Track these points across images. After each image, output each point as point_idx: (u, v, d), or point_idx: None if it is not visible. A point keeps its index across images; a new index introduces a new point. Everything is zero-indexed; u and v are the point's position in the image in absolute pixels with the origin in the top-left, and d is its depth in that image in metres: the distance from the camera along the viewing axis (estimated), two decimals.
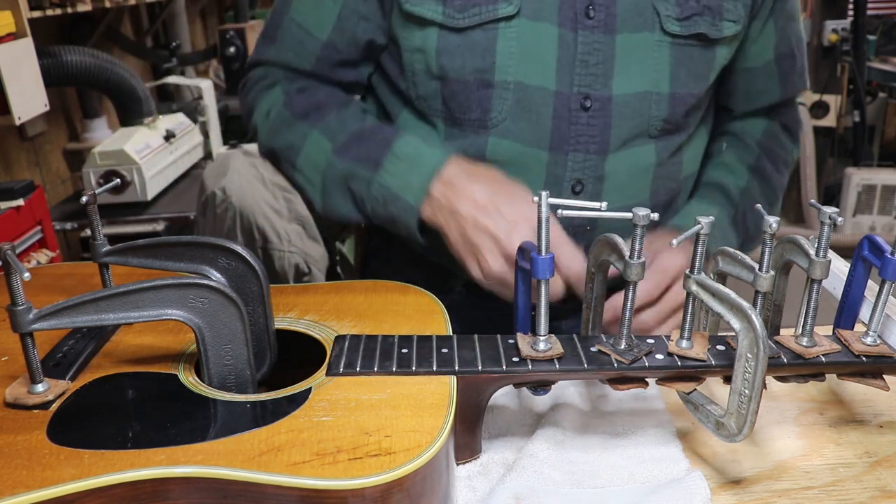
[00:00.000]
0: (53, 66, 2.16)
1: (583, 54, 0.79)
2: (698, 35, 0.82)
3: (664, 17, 0.80)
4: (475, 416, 0.61)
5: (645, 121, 0.83)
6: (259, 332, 0.63)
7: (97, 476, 0.46)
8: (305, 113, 0.85)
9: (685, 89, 0.84)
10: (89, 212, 0.65)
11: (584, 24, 0.79)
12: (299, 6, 0.87)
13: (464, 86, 0.81)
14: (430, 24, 0.80)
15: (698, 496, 0.56)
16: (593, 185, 0.84)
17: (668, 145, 0.86)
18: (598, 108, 0.81)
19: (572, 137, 0.81)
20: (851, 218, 3.92)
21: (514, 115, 0.81)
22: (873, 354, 0.61)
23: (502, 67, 0.79)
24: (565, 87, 0.80)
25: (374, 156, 0.79)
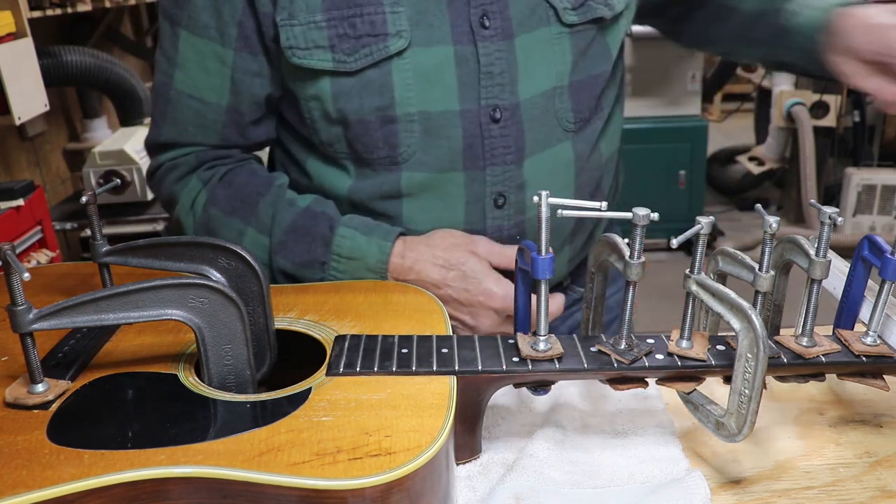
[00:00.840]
0: (53, 66, 2.16)
1: (486, 66, 0.78)
2: (595, 19, 0.81)
3: (561, 10, 0.79)
4: (475, 416, 0.61)
5: (553, 117, 0.82)
6: (259, 332, 0.63)
7: (97, 476, 0.46)
8: (233, 209, 0.82)
9: (585, 73, 0.83)
10: (89, 212, 0.65)
11: (481, 35, 0.77)
12: (184, 78, 0.81)
13: (366, 126, 0.79)
14: (322, 74, 0.77)
15: (698, 496, 0.56)
16: (515, 194, 0.82)
17: (584, 137, 0.85)
18: (509, 117, 0.80)
19: (487, 152, 0.80)
20: (851, 218, 3.92)
21: (423, 146, 0.79)
22: (873, 354, 0.61)
23: (402, 101, 0.77)
24: (472, 103, 0.78)
25: (318, 257, 0.79)
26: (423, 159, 0.80)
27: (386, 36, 0.75)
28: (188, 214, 0.85)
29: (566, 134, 0.83)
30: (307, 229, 0.80)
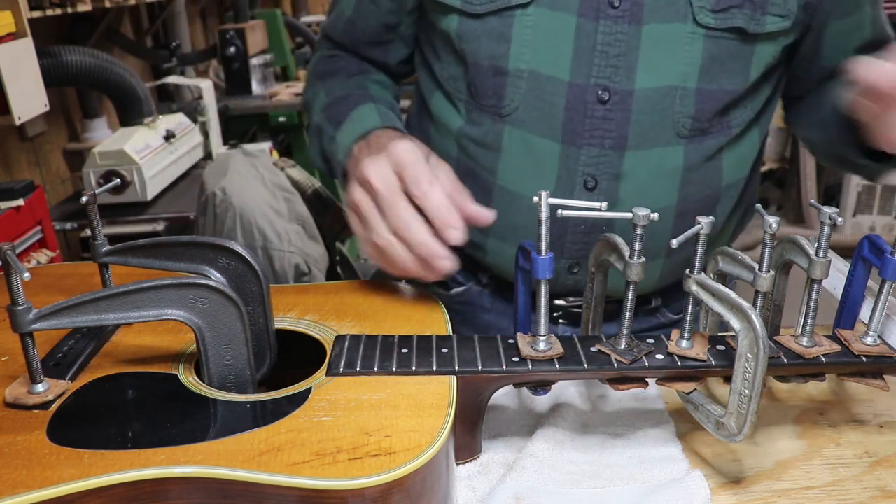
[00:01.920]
0: (53, 66, 2.15)
1: (603, 45, 0.77)
2: (735, 29, 0.77)
3: (697, 8, 0.76)
4: (475, 416, 0.61)
5: (669, 117, 0.79)
6: (259, 332, 0.63)
7: (97, 476, 0.46)
8: (323, 75, 0.93)
9: (716, 85, 0.79)
10: (89, 212, 0.65)
11: (606, 14, 0.76)
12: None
13: (480, 71, 0.81)
14: (451, 10, 0.81)
15: (698, 496, 0.56)
16: (608, 182, 0.80)
17: (700, 148, 0.81)
18: (618, 102, 0.78)
19: (586, 131, 0.79)
20: (851, 218, 3.92)
21: (526, 105, 0.80)
22: (873, 354, 0.61)
23: (516, 55, 0.79)
24: (581, 78, 0.78)
25: (340, 117, 0.84)
26: (524, 118, 0.81)
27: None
28: (307, 78, 1.00)
29: (678, 138, 0.80)
30: (353, 99, 0.86)
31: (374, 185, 0.66)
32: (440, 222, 0.64)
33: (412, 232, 0.64)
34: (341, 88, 0.89)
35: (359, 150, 0.76)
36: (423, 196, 0.65)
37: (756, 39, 0.79)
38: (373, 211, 0.67)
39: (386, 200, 0.66)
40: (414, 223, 0.64)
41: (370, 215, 0.67)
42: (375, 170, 0.67)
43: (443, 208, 0.64)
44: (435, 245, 0.64)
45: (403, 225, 0.65)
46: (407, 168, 0.66)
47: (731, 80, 0.80)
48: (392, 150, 0.67)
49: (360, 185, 0.68)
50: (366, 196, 0.67)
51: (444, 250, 0.64)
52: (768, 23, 0.78)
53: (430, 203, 0.64)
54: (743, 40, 0.78)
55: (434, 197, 0.65)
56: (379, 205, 0.66)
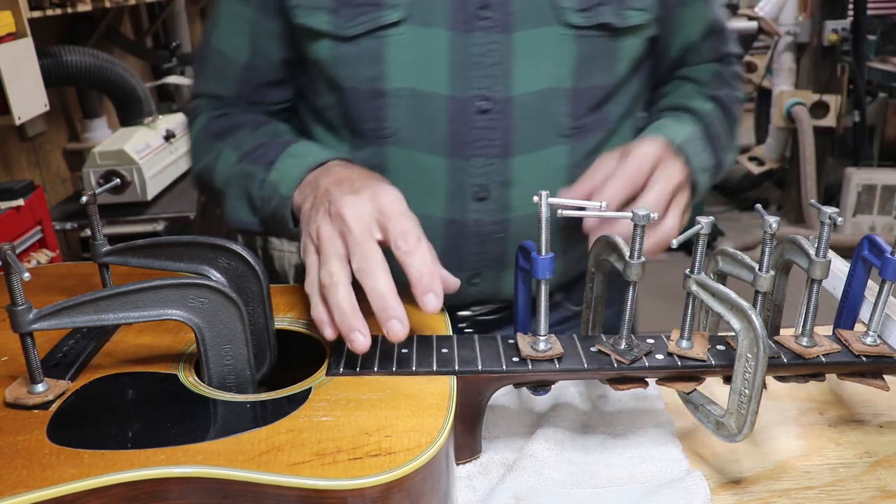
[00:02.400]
0: (53, 66, 2.16)
1: (478, 56, 0.78)
2: (603, 25, 0.80)
3: (564, 10, 0.78)
4: (475, 416, 0.61)
5: (549, 119, 0.81)
6: (259, 332, 0.63)
7: (97, 476, 0.46)
8: (220, 133, 0.85)
9: (589, 82, 0.82)
10: (89, 212, 0.65)
11: (477, 26, 0.77)
12: (218, 34, 0.88)
13: (358, 95, 0.80)
14: (321, 36, 0.79)
15: (698, 496, 0.56)
16: (499, 190, 0.82)
17: (582, 145, 0.84)
18: (499, 110, 0.79)
19: (472, 142, 0.80)
20: (851, 218, 3.92)
21: (409, 124, 0.80)
22: (873, 354, 0.61)
23: (393, 75, 0.79)
24: (460, 91, 0.78)
25: (271, 156, 0.78)
26: (408, 137, 0.81)
27: (381, 7, 0.77)
28: (192, 150, 0.90)
29: (561, 138, 0.83)
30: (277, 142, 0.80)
31: (349, 222, 0.60)
32: (421, 287, 0.57)
33: (376, 278, 0.57)
34: (253, 139, 0.82)
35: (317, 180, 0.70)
36: (409, 252, 0.58)
37: (621, 34, 0.82)
38: (336, 245, 0.60)
39: (357, 241, 0.59)
40: (382, 272, 0.57)
41: (330, 248, 0.60)
42: (355, 209, 0.61)
43: (427, 270, 0.57)
44: (394, 302, 0.56)
45: (368, 268, 0.57)
46: (393, 219, 0.60)
47: (602, 77, 0.83)
48: (379, 196, 0.62)
49: (329, 218, 0.62)
50: (334, 231, 0.61)
51: (400, 312, 0.56)
52: (631, 17, 0.81)
53: (415, 260, 0.58)
54: (610, 36, 0.81)
55: (421, 255, 0.58)
56: (346, 242, 0.60)
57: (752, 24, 4.14)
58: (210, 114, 0.89)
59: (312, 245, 0.63)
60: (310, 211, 0.66)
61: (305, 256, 0.63)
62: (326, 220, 0.62)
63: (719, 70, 0.96)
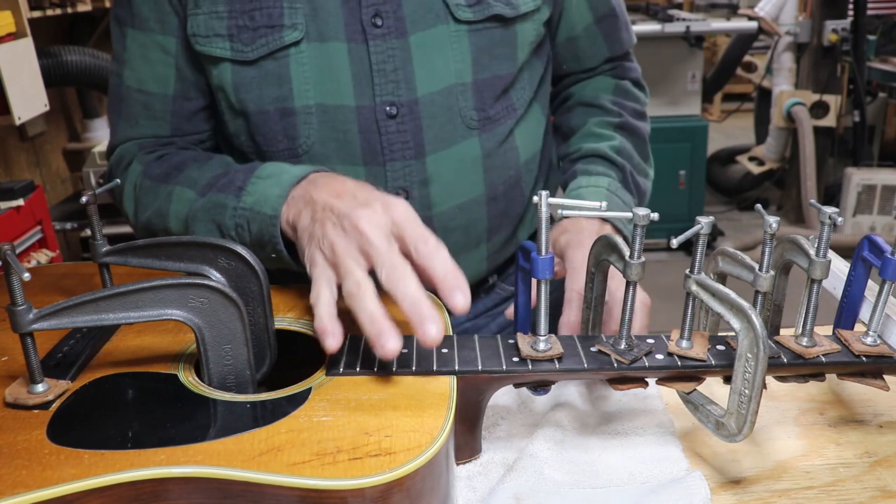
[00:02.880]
0: (53, 66, 2.16)
1: (378, 64, 0.79)
2: (494, 17, 0.81)
3: (454, 7, 0.79)
4: (475, 416, 0.61)
5: (456, 114, 0.83)
6: (259, 332, 0.63)
7: (97, 476, 0.46)
8: (166, 175, 0.81)
9: (489, 73, 0.83)
10: (89, 212, 0.65)
11: (372, 34, 0.78)
12: (132, 73, 0.84)
13: (266, 117, 0.81)
14: (222, 61, 0.79)
15: (698, 496, 0.56)
16: (419, 189, 0.83)
17: (494, 134, 0.86)
18: (406, 113, 0.81)
19: (385, 148, 0.81)
20: (851, 218, 3.92)
21: (322, 139, 0.81)
22: (873, 354, 0.61)
23: (300, 93, 0.79)
24: (367, 100, 0.80)
25: (238, 183, 0.75)
26: (323, 152, 0.81)
27: (282, 27, 0.78)
28: (130, 200, 0.85)
29: (470, 131, 0.84)
30: (237, 169, 0.77)
31: (369, 236, 0.59)
32: (448, 284, 0.57)
33: (407, 284, 0.56)
34: (207, 171, 0.78)
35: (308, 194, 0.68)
36: (431, 254, 0.58)
37: (514, 22, 0.83)
38: (357, 259, 0.59)
39: (382, 253, 0.58)
40: (412, 278, 0.56)
41: (351, 261, 0.58)
42: (371, 222, 0.60)
43: (450, 269, 0.57)
44: (427, 305, 0.55)
45: (398, 275, 0.56)
46: (409, 227, 0.60)
47: (502, 66, 0.84)
48: (390, 207, 0.61)
49: (345, 233, 0.60)
50: (352, 245, 0.60)
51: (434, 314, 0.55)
52: (521, 4, 0.83)
53: (437, 261, 0.58)
54: (504, 26, 0.83)
55: (443, 256, 0.58)
56: (367, 255, 0.59)
57: (752, 24, 4.14)
58: (143, 159, 0.84)
59: (325, 261, 0.61)
60: (312, 226, 0.64)
61: (312, 269, 0.62)
62: (341, 234, 0.61)
63: (617, 84, 0.98)
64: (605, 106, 0.96)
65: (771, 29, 4.13)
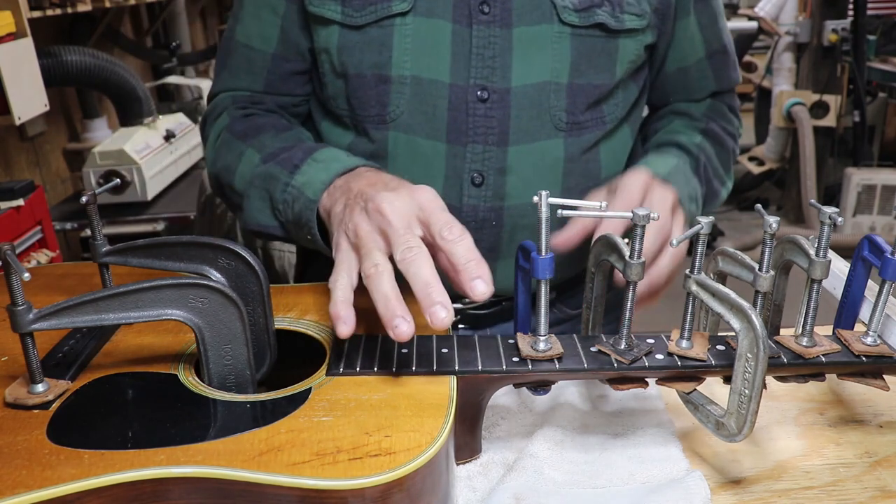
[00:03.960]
0: (53, 66, 2.16)
1: (478, 48, 0.81)
2: (598, 25, 0.83)
3: (561, 8, 0.81)
4: (475, 416, 0.61)
5: (546, 112, 0.84)
6: (259, 332, 0.63)
7: (97, 476, 0.46)
8: (244, 134, 0.85)
9: (586, 80, 0.84)
10: (89, 212, 0.65)
11: (478, 20, 0.81)
12: (242, 29, 0.89)
13: (362, 81, 0.83)
14: (331, 23, 0.83)
15: (698, 496, 0.56)
16: (495, 177, 0.84)
17: (579, 141, 0.86)
18: (497, 100, 0.82)
19: (470, 129, 0.82)
20: (851, 218, 3.92)
21: (411, 109, 0.83)
22: (873, 354, 0.61)
23: (398, 62, 0.82)
24: (461, 80, 0.81)
25: (296, 161, 0.78)
26: (410, 122, 0.83)
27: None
28: (211, 148, 0.90)
29: (557, 132, 0.85)
30: (302, 146, 0.81)
31: (390, 217, 0.60)
32: (469, 272, 0.56)
33: (420, 265, 0.56)
34: (277, 141, 0.83)
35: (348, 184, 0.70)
36: (455, 241, 0.58)
37: (618, 36, 0.84)
38: (377, 240, 0.60)
39: (400, 234, 0.59)
40: (426, 261, 0.56)
41: (371, 242, 0.59)
42: (394, 205, 0.61)
43: (473, 257, 0.57)
44: (438, 288, 0.55)
45: (412, 257, 0.57)
46: (434, 213, 0.60)
47: (599, 76, 0.85)
48: (417, 193, 0.62)
49: (367, 216, 0.62)
50: (374, 227, 0.61)
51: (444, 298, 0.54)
52: (626, 20, 0.84)
53: (460, 248, 0.57)
54: (606, 37, 0.84)
55: (466, 243, 0.58)
56: (387, 237, 0.60)
57: (752, 24, 4.14)
58: (232, 113, 0.89)
59: (348, 242, 0.63)
60: (342, 212, 0.66)
61: (336, 253, 0.63)
62: (364, 217, 0.62)
63: (713, 104, 0.98)
64: (693, 114, 0.96)
65: (771, 29, 4.13)
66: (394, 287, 0.56)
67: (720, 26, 0.94)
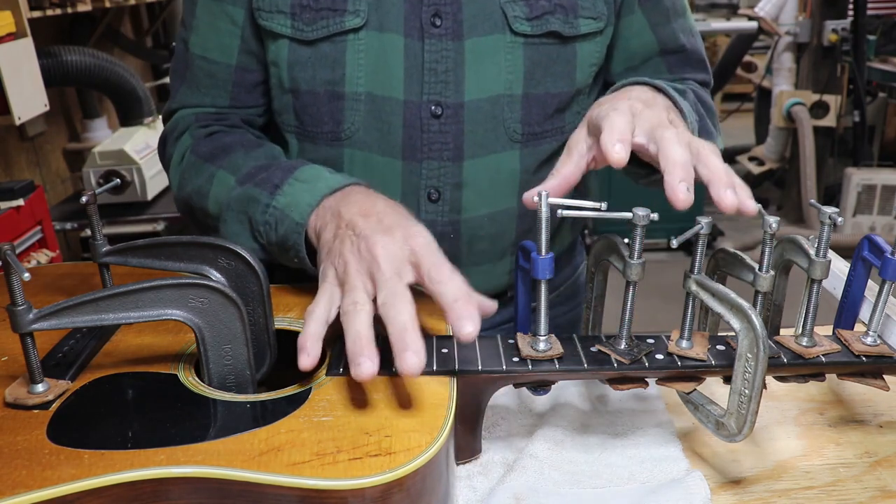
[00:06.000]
0: (53, 66, 2.16)
1: (430, 63, 0.79)
2: (551, 33, 0.81)
3: (512, 18, 0.79)
4: (475, 416, 0.61)
5: (500, 125, 0.82)
6: (259, 332, 0.63)
7: (97, 476, 0.46)
8: (212, 155, 0.82)
9: (542, 89, 0.83)
10: (89, 212, 0.65)
11: (430, 33, 0.79)
12: (198, 40, 0.85)
13: (315, 98, 0.81)
14: (281, 38, 0.80)
15: (698, 496, 0.56)
16: (451, 192, 0.83)
17: (536, 152, 0.85)
18: (451, 115, 0.81)
19: (425, 146, 0.81)
20: (851, 218, 3.92)
21: (366, 126, 0.81)
22: (873, 354, 0.61)
23: (352, 79, 0.80)
24: (414, 96, 0.80)
25: (276, 181, 0.75)
26: (365, 139, 0.82)
27: (344, 12, 0.78)
28: (176, 171, 0.86)
29: (512, 144, 0.83)
30: (279, 164, 0.78)
31: (381, 262, 0.59)
32: (456, 312, 0.55)
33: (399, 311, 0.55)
34: (250, 160, 0.79)
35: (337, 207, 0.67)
36: (442, 281, 0.57)
37: (574, 41, 0.82)
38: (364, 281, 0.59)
39: (387, 279, 0.58)
40: (407, 306, 0.55)
41: (357, 282, 0.58)
42: (387, 250, 0.59)
43: (462, 295, 0.56)
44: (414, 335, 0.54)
45: (394, 301, 0.56)
46: (426, 257, 0.59)
47: (557, 83, 0.83)
48: (411, 237, 0.61)
49: (359, 255, 0.60)
50: (363, 268, 0.60)
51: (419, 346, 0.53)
52: (582, 25, 0.82)
53: (448, 288, 0.57)
54: (562, 43, 0.82)
55: (455, 283, 0.57)
56: (374, 279, 0.58)
57: (752, 24, 4.14)
58: (195, 133, 0.85)
59: (335, 277, 0.61)
60: (332, 241, 0.65)
61: (322, 283, 0.62)
62: (356, 255, 0.61)
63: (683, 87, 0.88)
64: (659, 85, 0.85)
65: (771, 29, 4.13)
66: (368, 327, 0.55)
67: (676, 26, 0.89)
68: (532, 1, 0.79)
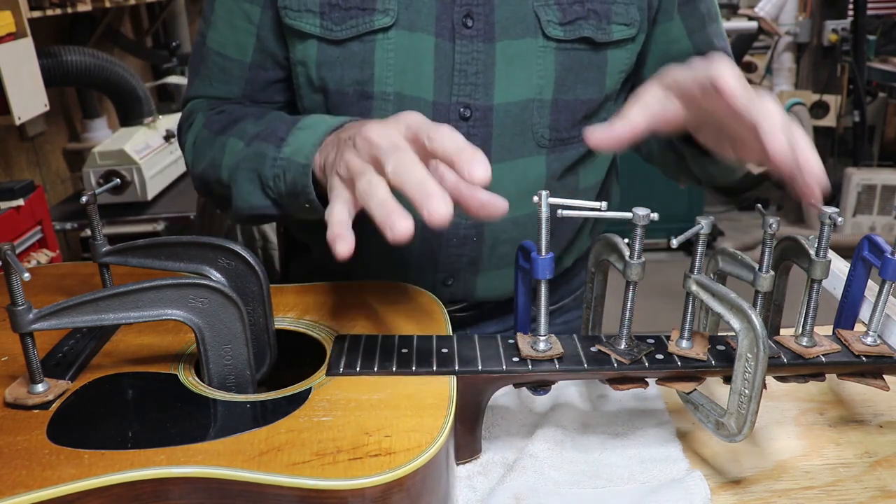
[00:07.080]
0: (53, 66, 2.16)
1: (461, 64, 0.79)
2: (584, 39, 0.80)
3: (545, 23, 0.78)
4: (475, 416, 0.61)
5: (529, 129, 0.82)
6: (259, 332, 0.63)
7: (97, 476, 0.46)
8: (223, 128, 0.82)
9: (572, 95, 0.82)
10: (89, 212, 0.65)
11: (461, 34, 0.78)
12: (215, 35, 0.86)
13: (343, 98, 0.81)
14: (309, 37, 0.80)
15: (698, 496, 0.56)
16: None
17: (561, 158, 0.84)
18: (479, 118, 0.80)
19: None
20: (851, 218, 3.92)
21: None
22: (873, 354, 0.61)
23: (381, 79, 0.79)
24: (443, 97, 0.79)
25: (281, 134, 0.74)
26: None
27: (374, 11, 0.77)
28: (190, 151, 0.86)
29: (539, 149, 0.83)
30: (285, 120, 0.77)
31: (377, 140, 0.56)
32: (465, 156, 0.52)
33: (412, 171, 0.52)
34: (259, 125, 0.79)
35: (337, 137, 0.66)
36: (444, 137, 0.54)
37: (606, 48, 0.81)
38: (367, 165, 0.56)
39: (389, 150, 0.55)
40: (419, 166, 0.53)
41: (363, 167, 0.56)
42: (382, 130, 0.57)
43: (466, 144, 0.53)
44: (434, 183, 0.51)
45: (404, 164, 0.53)
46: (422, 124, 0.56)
47: (587, 90, 0.82)
48: (403, 117, 0.58)
49: (356, 149, 0.58)
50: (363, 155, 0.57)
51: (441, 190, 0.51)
52: (614, 31, 0.81)
53: (449, 142, 0.53)
54: (594, 50, 0.81)
55: (457, 138, 0.54)
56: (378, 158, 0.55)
57: (752, 24, 4.14)
58: (207, 114, 0.86)
59: (341, 182, 0.59)
60: (335, 158, 0.63)
61: (331, 194, 0.59)
62: (352, 151, 0.58)
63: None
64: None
65: (771, 29, 4.13)
66: (390, 194, 0.52)
67: (710, 31, 0.89)
68: (565, 6, 0.79)
